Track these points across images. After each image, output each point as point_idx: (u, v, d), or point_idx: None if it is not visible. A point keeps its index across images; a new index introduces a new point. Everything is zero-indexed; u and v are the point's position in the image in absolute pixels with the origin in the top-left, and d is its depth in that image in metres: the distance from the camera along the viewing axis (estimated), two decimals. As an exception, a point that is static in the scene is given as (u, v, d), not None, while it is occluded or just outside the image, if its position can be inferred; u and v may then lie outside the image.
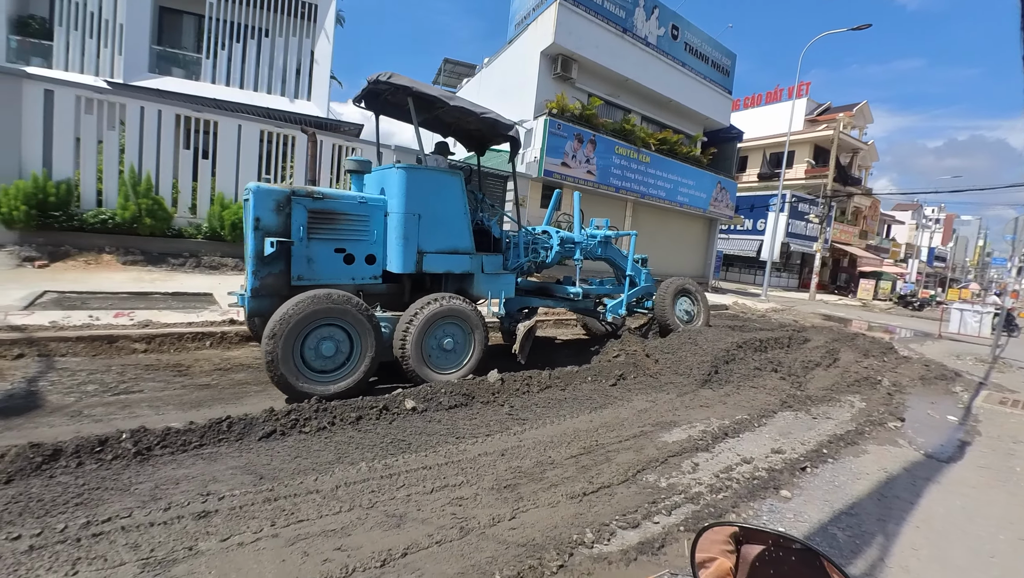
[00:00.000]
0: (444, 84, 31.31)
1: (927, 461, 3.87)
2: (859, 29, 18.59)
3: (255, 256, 3.80)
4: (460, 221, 4.63)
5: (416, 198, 4.30)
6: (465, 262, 4.71)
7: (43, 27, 12.95)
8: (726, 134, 21.05)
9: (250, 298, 3.92)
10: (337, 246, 4.15)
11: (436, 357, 4.36)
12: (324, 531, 2.19)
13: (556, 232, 6.09)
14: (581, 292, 6.16)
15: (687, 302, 7.14)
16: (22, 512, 2.10)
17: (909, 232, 48.83)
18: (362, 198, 4.29)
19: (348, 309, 3.75)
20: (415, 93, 4.31)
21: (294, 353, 3.60)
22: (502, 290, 5.06)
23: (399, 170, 4.27)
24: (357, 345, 3.88)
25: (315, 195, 4.02)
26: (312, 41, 15.30)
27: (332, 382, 3.76)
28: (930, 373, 7.12)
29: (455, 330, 4.46)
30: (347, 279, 4.23)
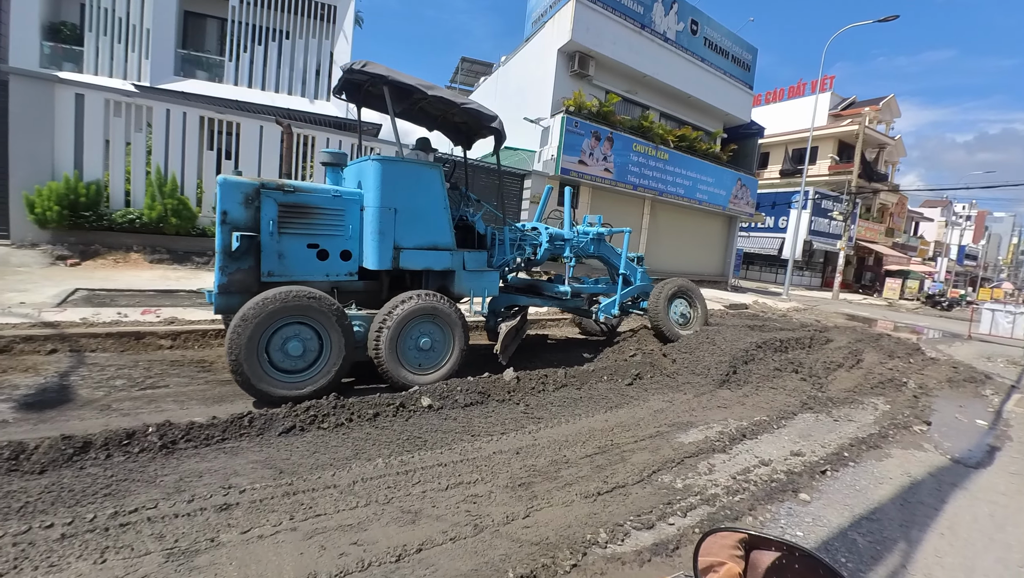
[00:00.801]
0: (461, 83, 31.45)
1: (954, 466, 3.76)
2: (886, 20, 18.09)
3: (222, 251, 3.67)
4: (439, 216, 4.42)
5: (392, 191, 4.12)
6: (445, 259, 4.52)
7: (74, 33, 13.36)
8: (747, 130, 20.70)
9: (218, 295, 3.74)
10: (310, 241, 3.99)
11: (413, 357, 4.19)
12: (341, 526, 2.23)
13: (545, 229, 5.88)
14: (569, 291, 5.93)
15: (684, 305, 6.84)
16: (54, 502, 2.18)
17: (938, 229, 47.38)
18: (336, 192, 4.12)
19: (314, 307, 3.60)
20: (390, 82, 4.13)
21: (258, 354, 3.44)
22: (485, 288, 4.87)
23: (374, 162, 4.08)
24: (327, 345, 3.72)
25: (286, 188, 3.86)
26: (331, 42, 15.49)
27: (301, 383, 3.61)
28: (959, 375, 6.91)
29: (433, 329, 4.29)
30: (321, 276, 4.08)
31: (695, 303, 6.91)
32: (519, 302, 5.84)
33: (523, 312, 6.01)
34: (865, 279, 34.11)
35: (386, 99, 4.25)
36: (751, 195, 20.60)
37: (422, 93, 4.27)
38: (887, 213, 34.72)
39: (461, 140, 5.99)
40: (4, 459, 2.39)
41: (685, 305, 6.83)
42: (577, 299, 6.33)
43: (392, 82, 4.14)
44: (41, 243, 8.39)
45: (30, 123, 8.42)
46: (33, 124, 8.44)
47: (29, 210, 8.14)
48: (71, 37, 13.32)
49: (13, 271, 6.96)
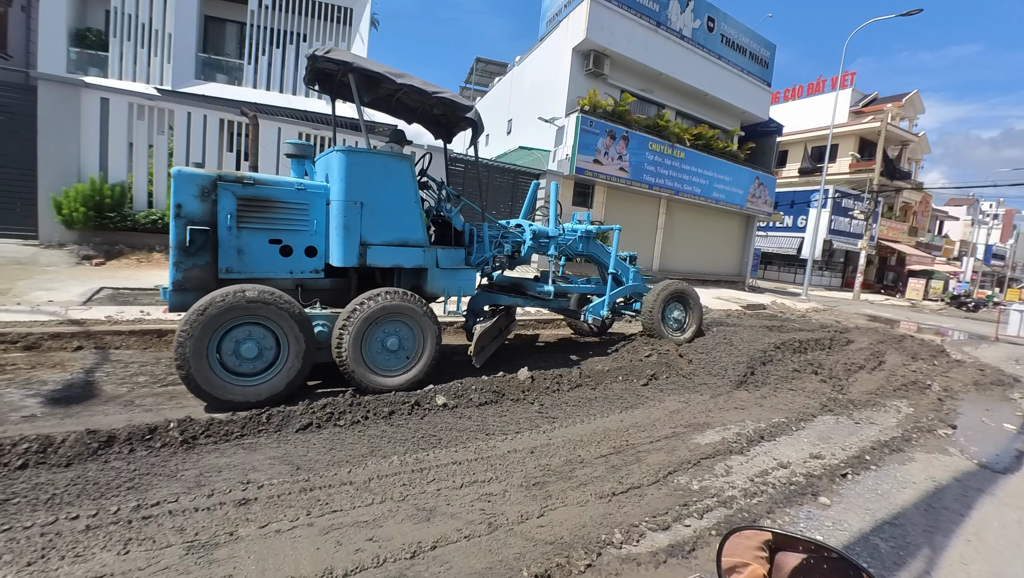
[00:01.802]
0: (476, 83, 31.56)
1: (980, 471, 3.65)
2: (909, 15, 17.66)
3: (177, 246, 3.51)
4: (410, 210, 4.18)
5: (358, 184, 3.89)
6: (417, 256, 4.27)
7: (100, 39, 13.71)
8: (765, 128, 20.39)
9: (172, 292, 3.57)
10: (272, 237, 3.81)
11: (379, 359, 3.96)
12: (357, 522, 2.25)
13: (529, 225, 5.63)
14: (552, 290, 5.63)
15: (679, 309, 6.56)
16: (80, 494, 2.25)
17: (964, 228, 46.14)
18: (300, 185, 3.92)
19: (268, 306, 3.39)
20: (356, 69, 3.91)
21: (208, 356, 3.27)
22: (461, 287, 4.64)
23: (338, 153, 3.87)
24: (284, 346, 3.52)
25: (245, 181, 3.68)
26: (348, 44, 15.64)
27: (257, 387, 3.42)
28: (985, 378, 6.72)
29: (401, 329, 4.05)
30: (284, 272, 3.90)
31: (690, 307, 6.66)
32: (500, 301, 5.60)
33: (506, 312, 5.76)
34: (887, 279, 33.33)
35: (352, 88, 4.01)
36: (769, 194, 20.28)
37: (391, 81, 4.04)
38: (910, 212, 33.90)
39: (441, 133, 5.74)
40: (33, 452, 2.47)
41: (680, 309, 6.58)
42: (562, 299, 6.10)
43: (358, 69, 3.92)
44: (68, 243, 8.63)
45: (58, 127, 8.67)
46: (60, 128, 8.69)
47: (56, 211, 8.38)
48: (96, 43, 13.67)
49: (42, 270, 7.17)
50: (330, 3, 15.17)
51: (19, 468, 2.39)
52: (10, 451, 2.44)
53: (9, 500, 2.15)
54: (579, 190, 15.26)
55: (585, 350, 6.27)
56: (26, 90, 8.82)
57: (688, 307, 6.63)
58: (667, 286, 6.34)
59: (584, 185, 15.25)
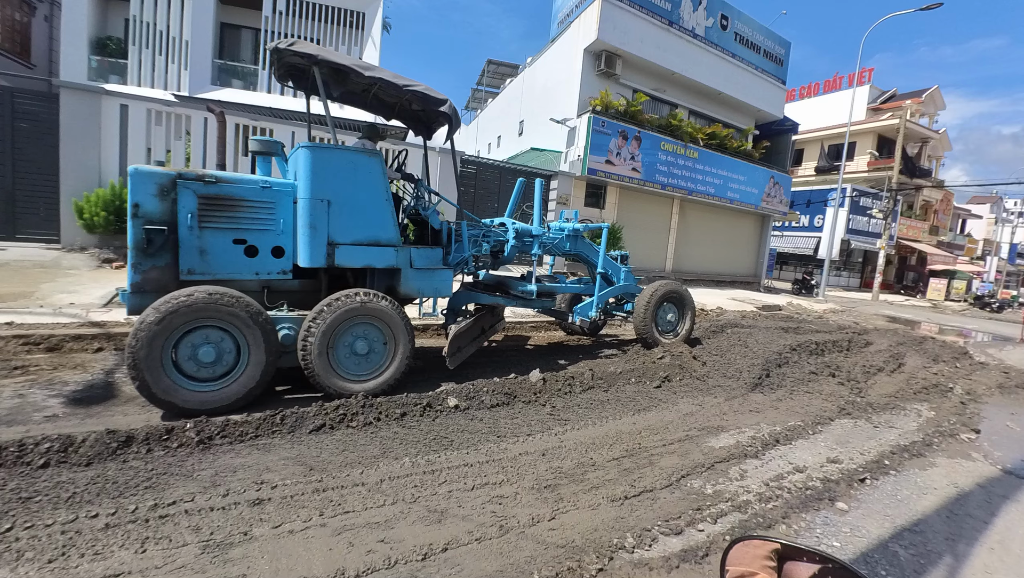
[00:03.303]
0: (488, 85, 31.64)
1: (1005, 477, 3.55)
2: (929, 8, 17.32)
3: (135, 247, 3.38)
4: (381, 209, 4.02)
5: (325, 182, 3.75)
6: (389, 256, 4.10)
7: (119, 47, 14.04)
8: (780, 126, 20.12)
9: (131, 295, 3.43)
10: (236, 237, 3.66)
11: (348, 363, 3.81)
12: (369, 523, 2.26)
13: (512, 224, 5.44)
14: (535, 290, 5.42)
15: (672, 311, 6.33)
16: (99, 493, 2.29)
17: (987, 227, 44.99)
18: (265, 183, 3.75)
19: (225, 309, 3.26)
20: (320, 62, 3.76)
21: (163, 361, 3.14)
22: (437, 288, 4.47)
23: (303, 149, 3.72)
24: (244, 351, 3.39)
25: (207, 179, 3.54)
26: (360, 48, 15.80)
27: (215, 393, 3.31)
28: (1010, 381, 6.53)
29: (371, 332, 3.89)
30: (250, 274, 3.75)
31: (684, 309, 6.44)
32: (482, 301, 5.39)
33: (491, 312, 5.60)
34: (907, 279, 32.64)
35: (317, 82, 3.86)
36: (785, 193, 20.00)
37: (358, 74, 3.90)
38: (931, 210, 33.16)
39: (420, 129, 5.55)
40: (54, 451, 2.53)
41: (674, 312, 6.37)
42: (547, 299, 5.85)
43: (323, 62, 3.77)
44: (89, 247, 8.84)
45: (79, 133, 8.88)
46: (82, 134, 8.90)
47: (78, 216, 8.59)
48: (116, 51, 14.00)
49: (64, 273, 7.34)
50: (342, 7, 15.34)
51: (41, 467, 2.45)
52: (33, 450, 2.50)
53: (31, 498, 2.20)
54: (591, 191, 15.21)
55: (595, 352, 6.25)
56: (49, 98, 9.07)
57: (682, 309, 6.43)
58: (660, 287, 6.12)
59: (596, 186, 15.19)
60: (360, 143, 4.61)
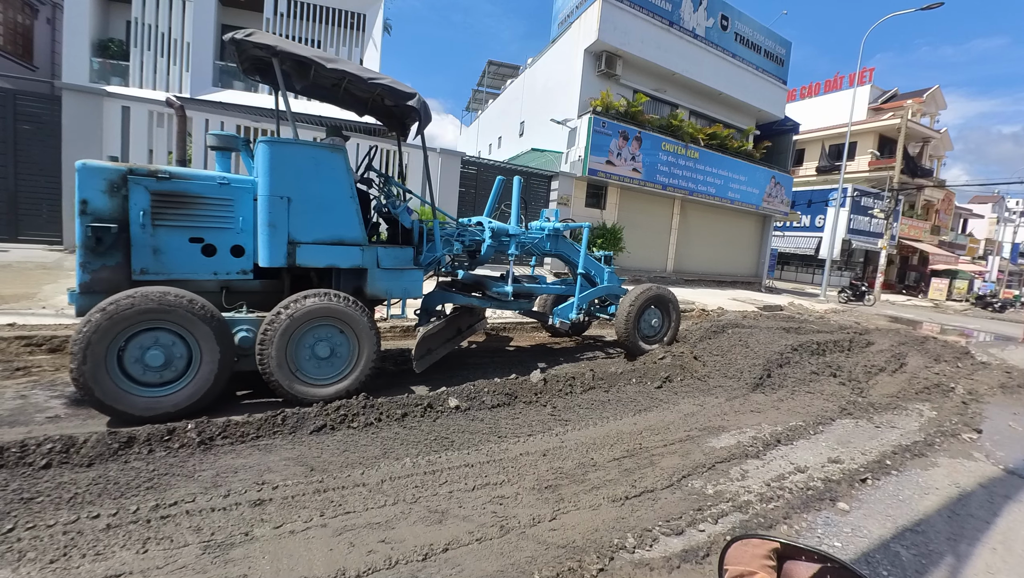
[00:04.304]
0: (488, 85, 31.66)
1: (1007, 477, 3.54)
2: (929, 8, 17.32)
3: (83, 245, 3.24)
4: (345, 206, 3.87)
5: (285, 178, 3.59)
6: (354, 255, 3.95)
7: (121, 49, 14.09)
8: (781, 126, 20.12)
9: (80, 295, 3.29)
10: (193, 235, 3.51)
11: (308, 367, 3.66)
12: (369, 523, 2.27)
13: (489, 223, 5.26)
14: (510, 291, 5.20)
15: (657, 316, 6.08)
16: (101, 493, 2.30)
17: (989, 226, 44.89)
18: (223, 179, 3.59)
19: (173, 310, 3.10)
20: (280, 53, 3.61)
21: (107, 364, 2.99)
22: (406, 289, 4.30)
23: (261, 144, 3.56)
24: (196, 354, 3.24)
25: (160, 175, 3.37)
26: (361, 50, 15.83)
27: (166, 397, 3.15)
28: (1012, 381, 6.52)
29: (333, 335, 3.73)
30: (207, 274, 3.59)
31: (669, 315, 6.18)
32: (456, 301, 5.22)
33: (470, 312, 5.40)
34: (909, 279, 32.59)
35: (276, 74, 3.69)
36: (786, 193, 19.98)
37: (320, 66, 3.75)
38: (932, 210, 33.10)
39: (395, 125, 5.38)
40: (56, 452, 2.53)
41: (658, 316, 6.11)
42: (524, 300, 5.64)
43: (282, 53, 3.62)
44: (91, 248, 8.86)
45: (81, 135, 8.91)
46: (84, 136, 8.93)
47: (80, 217, 8.60)
48: (118, 53, 14.05)
49: (66, 275, 7.35)
50: (343, 9, 15.37)
51: (43, 467, 2.45)
52: (35, 451, 2.51)
53: (33, 499, 2.20)
54: (592, 192, 15.22)
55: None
56: (51, 100, 9.10)
57: (667, 314, 6.18)
58: (645, 291, 5.86)
59: (597, 186, 15.19)
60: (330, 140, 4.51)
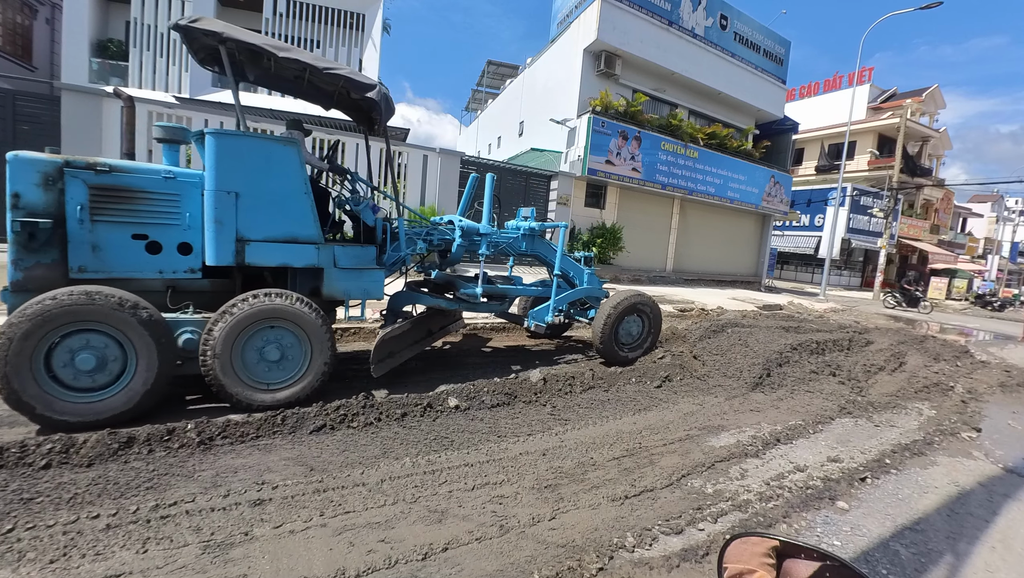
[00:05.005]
0: (488, 85, 31.67)
1: (1007, 476, 3.55)
2: (928, 8, 17.33)
3: (15, 241, 3.05)
4: (298, 202, 3.69)
5: (232, 172, 3.41)
6: (309, 254, 3.78)
7: (120, 49, 14.08)
8: (780, 126, 20.13)
9: (12, 294, 3.10)
10: (136, 231, 3.32)
11: (257, 371, 3.46)
12: (369, 523, 2.27)
13: (459, 221, 5.08)
14: (479, 292, 4.96)
15: (637, 324, 5.78)
16: (101, 493, 2.30)
17: (988, 225, 44.92)
18: (169, 172, 3.40)
19: (106, 311, 2.92)
20: (227, 40, 3.44)
21: (33, 368, 2.83)
22: (366, 289, 4.14)
23: (208, 136, 3.38)
24: (132, 357, 3.05)
25: (99, 167, 3.20)
26: (360, 50, 15.83)
27: (98, 403, 2.98)
28: (1012, 380, 6.52)
29: (285, 336, 3.53)
30: (152, 272, 3.40)
31: (649, 324, 5.87)
32: (423, 303, 5.02)
33: (443, 314, 5.29)
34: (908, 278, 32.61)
35: (224, 63, 3.54)
36: (785, 193, 19.99)
37: (271, 54, 3.57)
38: (932, 209, 33.11)
39: (362, 119, 5.18)
40: (56, 453, 2.54)
41: (638, 324, 5.81)
42: (496, 302, 5.41)
43: (229, 40, 3.45)
44: (91, 249, 8.86)
45: (80, 135, 8.91)
46: (83, 136, 8.93)
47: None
48: (117, 53, 14.05)
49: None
50: (343, 9, 15.37)
51: (43, 468, 2.45)
52: (35, 452, 2.51)
53: (33, 499, 2.21)
54: (592, 191, 15.23)
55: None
56: (50, 100, 9.10)
57: (646, 323, 5.87)
58: (625, 298, 5.56)
59: (596, 186, 15.20)
60: (289, 134, 4.39)
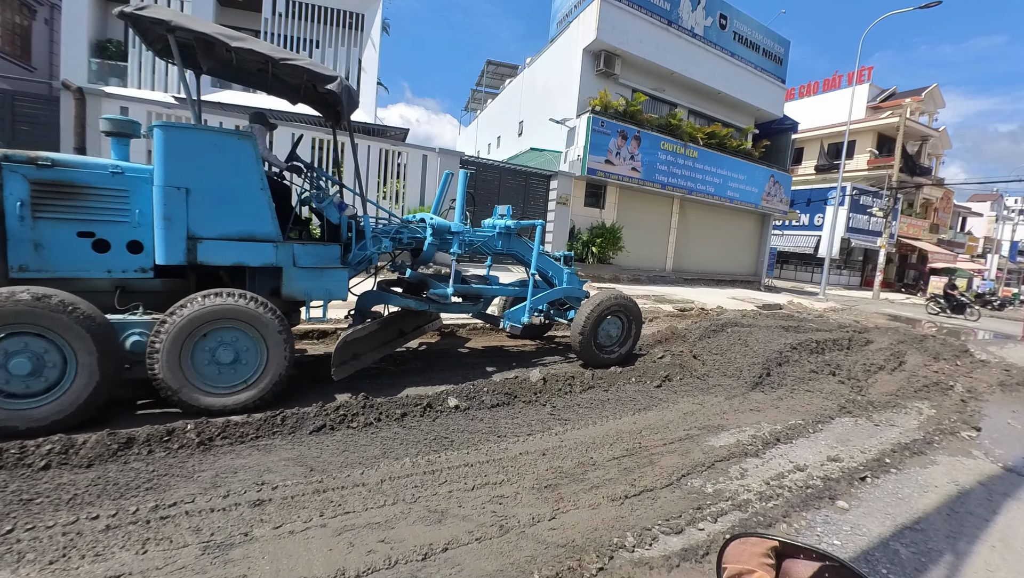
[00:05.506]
0: (487, 85, 31.66)
1: (1006, 475, 3.55)
2: (927, 7, 17.34)
3: None
4: (254, 199, 3.54)
5: (182, 167, 3.26)
6: (266, 252, 3.62)
7: (120, 50, 14.07)
8: (779, 125, 20.12)
9: None
10: (82, 229, 3.18)
11: (208, 374, 3.31)
12: (369, 523, 2.27)
13: (430, 219, 4.95)
14: (449, 293, 4.81)
15: (617, 325, 5.52)
16: (100, 494, 2.30)
17: (988, 225, 44.94)
18: (116, 167, 3.26)
19: (40, 313, 2.78)
20: (175, 28, 3.28)
21: None
22: (329, 289, 3.99)
23: (155, 129, 3.21)
24: (71, 361, 2.90)
25: (40, 162, 3.06)
26: (360, 50, 15.82)
27: (34, 410, 2.83)
28: (1011, 379, 6.53)
29: (238, 338, 3.38)
30: (100, 271, 3.27)
31: (630, 325, 5.60)
32: (392, 303, 4.85)
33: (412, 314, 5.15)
34: (908, 278, 32.63)
35: (173, 52, 3.39)
36: (785, 192, 19.99)
37: (223, 44, 3.42)
38: (931, 208, 33.12)
39: (330, 114, 5.01)
40: (56, 453, 2.53)
41: (618, 326, 5.53)
42: (469, 303, 5.28)
43: (177, 28, 3.29)
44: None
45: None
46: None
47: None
48: (116, 54, 14.03)
49: None
50: (342, 9, 15.36)
51: (42, 469, 2.45)
52: (34, 452, 2.51)
53: (33, 500, 2.20)
54: (591, 191, 15.23)
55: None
56: (49, 100, 9.08)
57: (628, 324, 5.61)
58: (606, 299, 5.31)
59: (596, 186, 15.20)
60: (249, 127, 4.24)
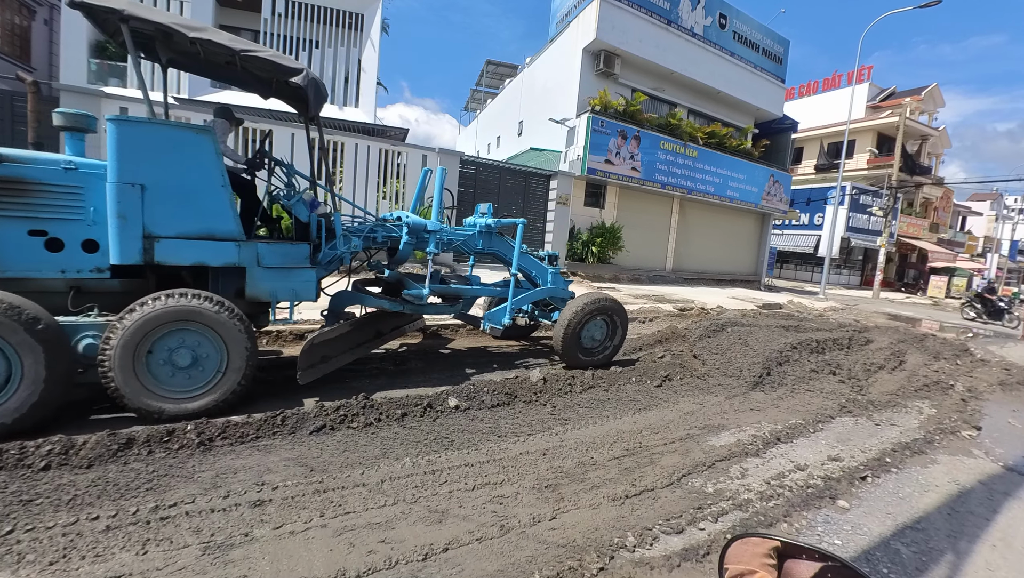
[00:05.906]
0: (487, 85, 31.67)
1: (1007, 474, 3.55)
2: (927, 6, 17.33)
3: None
4: (215, 196, 3.41)
5: (137, 162, 3.14)
6: (228, 252, 3.49)
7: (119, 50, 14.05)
8: (779, 125, 20.12)
9: None
10: (33, 227, 3.08)
11: (164, 378, 3.18)
12: (369, 523, 2.26)
13: (406, 218, 4.84)
14: (425, 293, 4.65)
15: (601, 328, 5.33)
16: (100, 495, 2.29)
17: (988, 224, 44.92)
18: (69, 163, 3.15)
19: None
20: (128, 18, 3.15)
21: None
22: (295, 290, 3.86)
23: (108, 123, 3.09)
24: (16, 366, 2.78)
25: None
26: (359, 50, 15.83)
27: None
28: (1011, 378, 6.53)
29: (197, 340, 3.26)
30: (53, 271, 3.17)
31: (615, 328, 5.42)
32: (366, 303, 4.73)
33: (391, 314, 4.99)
34: (908, 277, 32.64)
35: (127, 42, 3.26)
36: (785, 192, 19.99)
37: (180, 34, 3.30)
38: (931, 208, 33.12)
39: (301, 109, 4.83)
40: (56, 454, 2.53)
41: (602, 329, 5.35)
42: (447, 304, 5.20)
43: (131, 18, 3.16)
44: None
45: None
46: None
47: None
48: (116, 54, 14.01)
49: None
50: (341, 9, 15.36)
51: (42, 469, 2.45)
52: (34, 453, 2.50)
53: (33, 501, 2.20)
54: (591, 191, 15.23)
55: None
56: (49, 101, 9.07)
57: (612, 326, 5.43)
58: (591, 302, 5.16)
59: (596, 185, 15.20)
60: (214, 122, 4.18)
